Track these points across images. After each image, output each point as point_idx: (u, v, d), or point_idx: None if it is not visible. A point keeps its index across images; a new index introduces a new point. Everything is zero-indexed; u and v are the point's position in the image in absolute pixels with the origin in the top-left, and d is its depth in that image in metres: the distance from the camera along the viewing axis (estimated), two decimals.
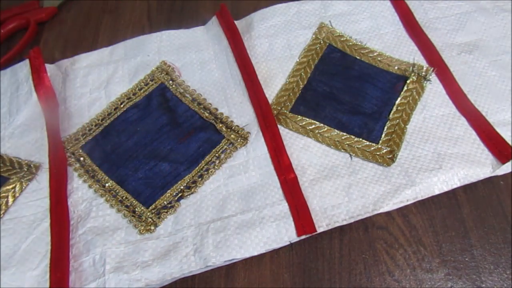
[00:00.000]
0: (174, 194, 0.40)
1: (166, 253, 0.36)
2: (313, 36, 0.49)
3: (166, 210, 0.39)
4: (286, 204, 0.37)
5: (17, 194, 0.41)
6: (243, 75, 0.45)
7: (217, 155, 0.41)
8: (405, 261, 0.35)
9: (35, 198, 0.40)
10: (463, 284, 0.34)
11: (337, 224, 0.36)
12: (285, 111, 0.43)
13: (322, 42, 0.48)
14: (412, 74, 0.44)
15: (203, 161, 0.41)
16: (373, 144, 0.40)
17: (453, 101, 0.42)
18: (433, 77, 0.44)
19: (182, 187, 0.40)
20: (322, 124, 0.42)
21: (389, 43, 0.47)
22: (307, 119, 0.42)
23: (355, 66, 0.46)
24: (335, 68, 0.46)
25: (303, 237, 0.36)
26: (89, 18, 0.56)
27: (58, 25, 0.56)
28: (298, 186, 0.38)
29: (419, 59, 0.45)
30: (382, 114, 0.43)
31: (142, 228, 0.38)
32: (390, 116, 0.42)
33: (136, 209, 0.39)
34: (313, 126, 0.42)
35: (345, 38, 0.48)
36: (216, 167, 0.41)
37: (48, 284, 0.35)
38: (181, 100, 0.45)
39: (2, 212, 0.39)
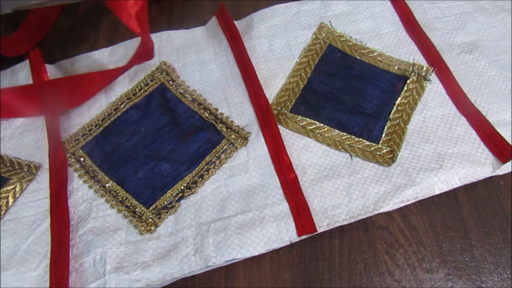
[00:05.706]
0: (175, 194, 0.40)
1: (166, 253, 0.36)
2: (313, 36, 0.49)
3: (166, 210, 0.39)
4: (287, 204, 0.37)
5: (17, 195, 0.41)
6: (243, 75, 0.45)
7: (217, 155, 0.41)
8: (405, 261, 0.35)
9: (35, 198, 0.40)
10: (463, 284, 0.34)
11: (338, 224, 0.37)
12: (285, 111, 0.43)
13: (322, 42, 0.48)
14: (412, 74, 0.44)
15: (203, 161, 0.41)
16: (373, 144, 0.40)
17: (453, 101, 0.42)
18: (433, 77, 0.44)
19: (182, 187, 0.40)
20: (322, 124, 0.42)
21: (389, 43, 0.47)
22: (307, 119, 0.42)
23: (355, 66, 0.46)
24: (335, 68, 0.46)
25: (303, 237, 0.36)
26: (89, 18, 0.56)
27: (58, 25, 0.56)
28: (298, 186, 0.38)
29: (419, 59, 0.45)
30: (382, 114, 0.43)
31: (143, 228, 0.38)
32: (390, 116, 0.42)
33: (137, 210, 0.39)
34: (314, 126, 0.42)
35: (345, 38, 0.48)
36: (216, 167, 0.41)
37: (48, 284, 0.35)
38: (181, 101, 0.45)
39: (2, 212, 0.39)
